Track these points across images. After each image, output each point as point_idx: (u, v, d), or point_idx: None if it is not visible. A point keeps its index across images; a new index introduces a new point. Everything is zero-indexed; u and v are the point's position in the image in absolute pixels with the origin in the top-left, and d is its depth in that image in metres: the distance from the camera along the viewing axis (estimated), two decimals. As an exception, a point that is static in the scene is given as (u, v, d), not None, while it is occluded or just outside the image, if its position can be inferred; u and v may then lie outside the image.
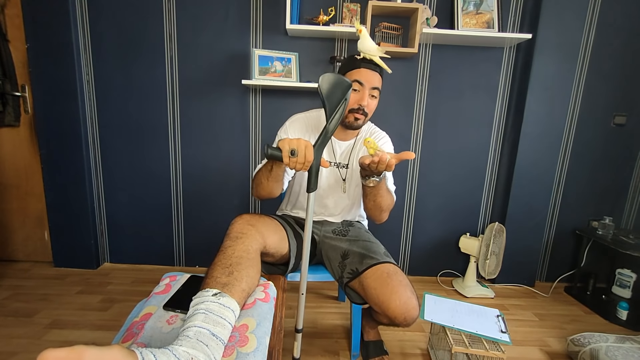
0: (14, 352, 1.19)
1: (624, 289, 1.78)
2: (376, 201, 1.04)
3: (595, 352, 1.20)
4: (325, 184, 1.20)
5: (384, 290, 0.95)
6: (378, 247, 1.12)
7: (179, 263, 1.95)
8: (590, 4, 1.69)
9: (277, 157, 0.83)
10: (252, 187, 1.10)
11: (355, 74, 1.06)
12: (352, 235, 1.19)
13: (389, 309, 0.94)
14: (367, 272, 1.01)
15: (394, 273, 0.98)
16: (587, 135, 1.83)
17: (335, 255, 1.14)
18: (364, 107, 1.07)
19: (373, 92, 1.08)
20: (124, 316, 1.41)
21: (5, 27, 1.66)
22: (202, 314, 0.62)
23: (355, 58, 1.08)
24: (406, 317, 0.93)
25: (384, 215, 1.10)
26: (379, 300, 0.96)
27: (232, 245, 0.83)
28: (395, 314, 0.93)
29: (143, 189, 1.85)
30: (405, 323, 0.95)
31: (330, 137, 0.83)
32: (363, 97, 1.06)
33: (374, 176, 0.96)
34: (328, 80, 0.80)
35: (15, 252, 1.91)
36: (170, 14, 1.68)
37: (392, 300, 0.93)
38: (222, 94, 1.75)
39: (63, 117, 1.70)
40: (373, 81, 1.06)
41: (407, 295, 0.94)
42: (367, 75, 1.06)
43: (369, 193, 1.03)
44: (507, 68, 1.77)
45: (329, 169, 1.19)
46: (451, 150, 1.85)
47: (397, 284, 0.95)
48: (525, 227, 1.83)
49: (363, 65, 1.06)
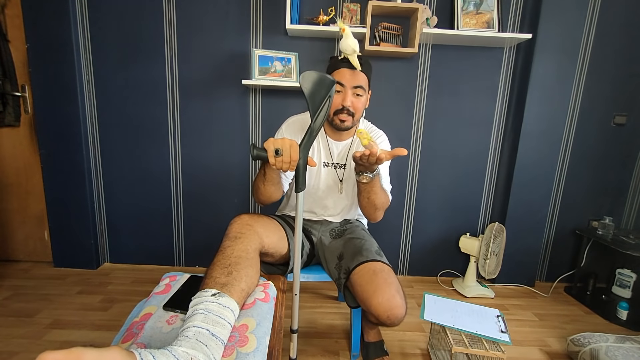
0: (14, 352, 1.19)
1: (624, 289, 1.78)
2: (370, 198, 1.04)
3: (595, 352, 1.20)
4: (324, 185, 1.20)
5: (368, 287, 0.94)
6: (371, 245, 1.11)
7: (179, 263, 1.95)
8: (590, 4, 1.69)
9: (263, 158, 0.83)
10: (253, 194, 1.10)
11: (335, 75, 1.06)
12: (348, 235, 1.19)
13: (371, 305, 0.92)
14: (356, 270, 1.01)
15: (380, 271, 0.97)
16: (587, 135, 1.83)
17: (332, 258, 1.14)
18: (347, 107, 1.06)
19: (356, 90, 1.07)
20: (124, 316, 1.41)
21: (5, 27, 1.66)
22: (202, 314, 0.62)
23: (335, 58, 1.09)
24: (389, 315, 0.91)
25: (378, 213, 1.10)
26: (364, 297, 0.95)
27: (231, 246, 0.83)
28: (378, 312, 0.92)
29: (143, 188, 1.85)
30: (390, 322, 0.92)
31: (315, 136, 0.82)
32: (345, 98, 1.06)
33: (367, 172, 0.96)
34: (310, 79, 0.79)
35: (15, 252, 1.91)
36: (170, 14, 1.68)
37: (374, 297, 0.92)
38: (222, 94, 1.75)
39: (63, 117, 1.70)
40: (354, 80, 1.06)
41: (390, 294, 0.92)
42: (347, 75, 1.05)
43: (362, 190, 1.03)
44: (507, 68, 1.77)
45: (326, 169, 1.19)
46: (451, 150, 1.85)
47: (381, 282, 0.94)
48: (525, 227, 1.83)
49: (342, 66, 1.06)
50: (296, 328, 1.00)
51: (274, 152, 0.80)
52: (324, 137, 1.19)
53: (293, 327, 0.99)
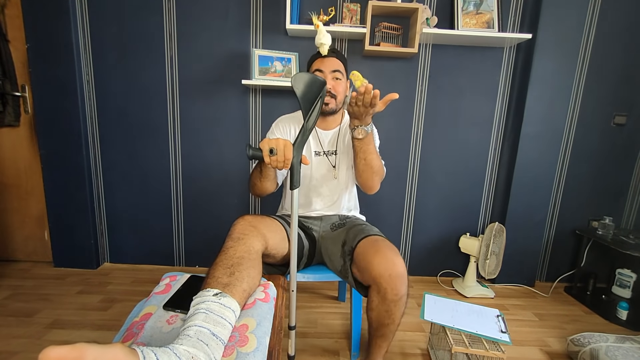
0: (14, 352, 1.19)
1: (624, 289, 1.78)
2: (367, 159, 1.09)
3: (595, 352, 1.20)
4: (317, 174, 1.23)
5: (369, 251, 0.98)
6: (372, 229, 1.14)
7: (179, 263, 1.95)
8: (590, 4, 1.69)
9: (258, 157, 0.87)
10: (249, 187, 1.16)
11: (315, 65, 1.18)
12: (349, 224, 1.21)
13: (372, 266, 0.94)
14: (359, 245, 1.04)
15: (382, 240, 1.02)
16: (587, 135, 1.83)
17: (336, 247, 1.14)
18: (329, 89, 1.15)
19: (334, 74, 1.16)
20: (124, 316, 1.41)
21: (5, 27, 1.66)
22: (203, 314, 0.62)
23: (314, 54, 1.20)
24: (391, 273, 0.91)
25: (375, 179, 1.14)
26: (365, 262, 0.97)
27: (234, 246, 0.83)
28: (379, 271, 0.92)
29: (143, 188, 1.85)
30: (391, 281, 0.91)
31: (308, 136, 0.87)
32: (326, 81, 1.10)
33: (362, 125, 1.02)
34: (302, 80, 0.83)
35: (15, 252, 1.91)
36: (170, 14, 1.68)
37: (375, 257, 0.95)
38: (222, 94, 1.75)
39: (63, 117, 1.70)
40: (331, 65, 1.16)
41: (391, 254, 0.95)
42: (323, 62, 1.16)
43: (359, 150, 1.08)
44: (507, 68, 1.77)
45: (319, 158, 1.23)
46: (451, 150, 1.85)
47: (382, 246, 0.98)
48: (525, 227, 1.83)
49: (318, 56, 1.18)
50: (294, 325, 1.00)
51: (269, 152, 0.85)
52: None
53: (291, 324, 0.99)
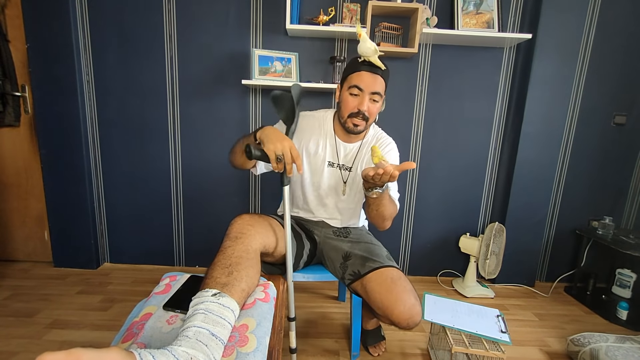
0: (14, 352, 1.19)
1: (624, 289, 1.78)
2: (379, 210, 1.01)
3: (595, 352, 1.20)
4: (326, 184, 1.19)
5: (388, 296, 0.97)
6: (380, 250, 1.12)
7: (179, 263, 1.95)
8: (590, 4, 1.69)
9: (261, 159, 0.89)
10: (229, 156, 1.14)
11: (355, 78, 1.05)
12: (354, 237, 1.19)
13: (392, 314, 0.96)
14: (370, 276, 1.02)
15: (397, 278, 1.00)
16: (587, 135, 1.83)
17: (336, 256, 1.14)
18: (363, 111, 1.05)
19: (373, 96, 1.06)
20: (124, 316, 1.41)
21: (5, 27, 1.66)
22: (202, 314, 0.62)
23: (356, 60, 1.07)
24: (409, 322, 0.96)
25: (386, 223, 1.08)
26: (383, 305, 0.97)
27: (232, 246, 0.83)
28: (399, 320, 0.96)
29: (143, 188, 1.85)
30: (408, 327, 0.98)
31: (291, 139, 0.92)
32: (362, 102, 1.05)
33: (376, 188, 0.94)
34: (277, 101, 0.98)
35: (15, 252, 1.91)
36: (170, 14, 1.67)
37: (396, 306, 0.95)
38: (222, 94, 1.75)
39: (63, 117, 1.70)
40: (373, 86, 1.04)
41: (411, 302, 0.96)
42: (367, 79, 1.04)
43: (371, 203, 1.00)
44: (507, 68, 1.77)
45: (330, 169, 1.18)
46: (451, 150, 1.84)
47: (401, 290, 0.97)
48: (525, 227, 1.83)
49: (363, 68, 1.04)
50: (293, 316, 1.00)
51: (276, 160, 0.86)
52: (332, 137, 1.17)
53: (290, 315, 0.99)
